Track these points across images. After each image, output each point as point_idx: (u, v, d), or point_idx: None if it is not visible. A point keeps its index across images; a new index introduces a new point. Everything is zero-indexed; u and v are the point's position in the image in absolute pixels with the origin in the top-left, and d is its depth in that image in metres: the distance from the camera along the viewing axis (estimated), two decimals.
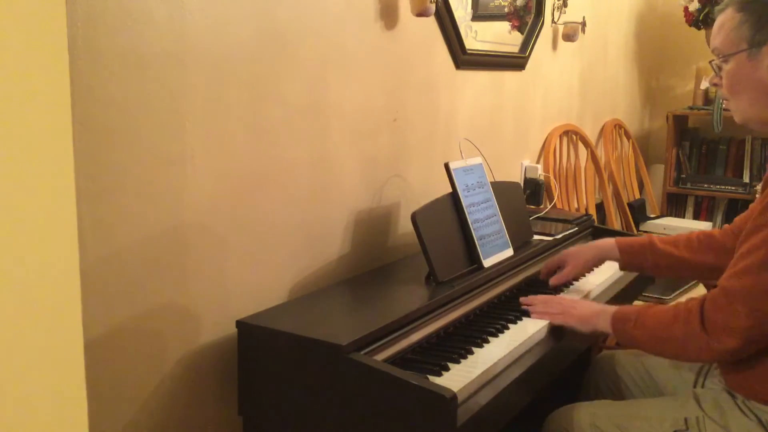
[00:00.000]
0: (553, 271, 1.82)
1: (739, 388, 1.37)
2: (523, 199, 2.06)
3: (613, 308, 1.47)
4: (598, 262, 1.81)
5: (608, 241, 1.77)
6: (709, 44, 1.45)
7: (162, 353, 1.34)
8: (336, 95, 1.69)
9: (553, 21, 2.74)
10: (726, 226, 1.67)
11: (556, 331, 1.54)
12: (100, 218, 1.19)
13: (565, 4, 2.72)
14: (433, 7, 1.86)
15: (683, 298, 2.61)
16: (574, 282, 1.85)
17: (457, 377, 1.27)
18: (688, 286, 2.63)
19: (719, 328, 1.27)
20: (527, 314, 1.60)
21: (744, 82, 1.36)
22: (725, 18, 1.38)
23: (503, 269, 1.76)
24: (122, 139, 1.21)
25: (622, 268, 1.81)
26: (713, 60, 1.41)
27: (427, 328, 1.44)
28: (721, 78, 1.41)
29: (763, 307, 1.24)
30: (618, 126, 3.52)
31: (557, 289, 1.79)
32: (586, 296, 1.79)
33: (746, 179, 3.62)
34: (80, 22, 1.12)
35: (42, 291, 0.68)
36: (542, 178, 2.66)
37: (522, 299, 1.62)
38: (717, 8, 1.43)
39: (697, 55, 3.80)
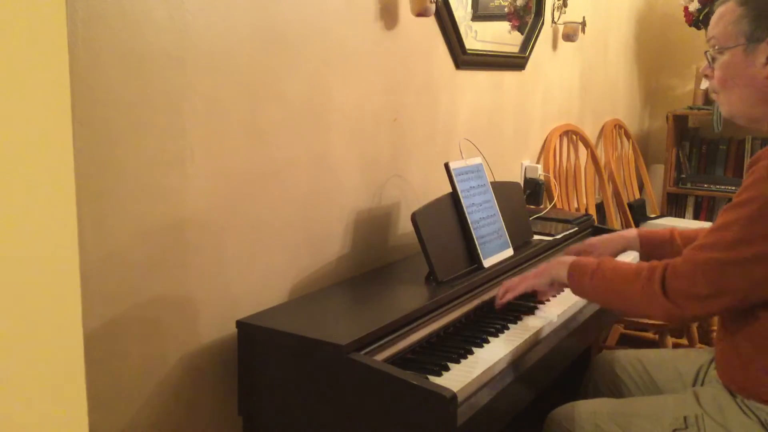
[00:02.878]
0: (571, 248, 1.84)
1: (739, 388, 1.37)
2: (523, 199, 2.06)
3: (570, 258, 1.50)
4: (622, 251, 1.83)
5: (631, 232, 1.79)
6: (706, 37, 1.45)
7: (162, 353, 1.34)
8: (336, 95, 1.69)
9: (553, 21, 2.74)
10: None
11: (555, 330, 1.55)
12: (100, 218, 1.19)
13: (565, 4, 2.72)
14: (433, 7, 1.86)
15: None
16: None
17: (457, 377, 1.27)
18: None
19: (679, 294, 1.29)
20: (527, 314, 1.60)
21: (737, 77, 1.36)
22: (726, 10, 1.37)
23: (503, 269, 1.76)
24: (122, 139, 1.21)
25: (642, 259, 1.82)
26: (708, 50, 1.41)
27: (427, 328, 1.44)
28: (713, 69, 1.40)
29: (724, 281, 1.25)
30: (618, 126, 3.52)
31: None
32: None
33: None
34: (80, 22, 1.12)
35: (42, 290, 0.68)
36: (542, 178, 2.66)
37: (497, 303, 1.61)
38: (719, 0, 1.42)
39: (697, 55, 3.79)
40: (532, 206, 2.51)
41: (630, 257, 1.94)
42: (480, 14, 2.29)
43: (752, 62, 1.33)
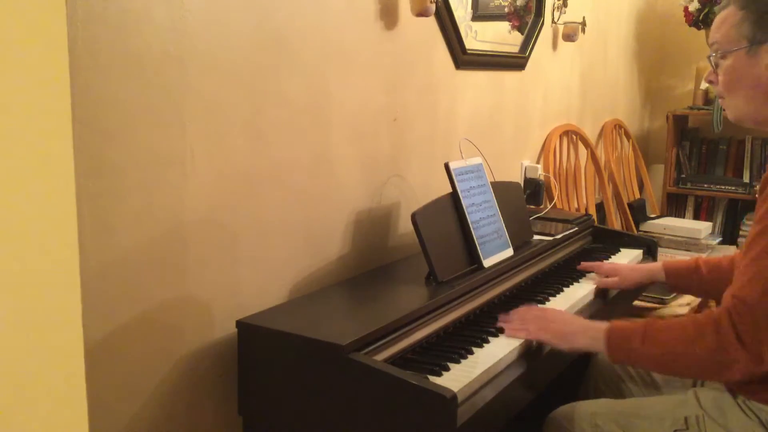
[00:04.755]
0: (592, 269, 1.89)
1: (739, 388, 1.37)
2: (523, 199, 2.06)
3: (602, 324, 1.38)
4: (647, 283, 1.85)
5: (656, 265, 1.81)
6: (707, 43, 1.45)
7: (162, 353, 1.34)
8: (336, 95, 1.69)
9: (553, 21, 2.74)
10: None
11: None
12: (100, 218, 1.19)
13: (565, 4, 2.72)
14: (433, 7, 1.86)
15: (683, 299, 2.62)
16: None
17: (457, 377, 1.27)
18: None
19: (754, 341, 1.21)
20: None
21: (741, 80, 1.36)
22: (727, 14, 1.38)
23: (503, 269, 1.76)
24: (122, 139, 1.21)
25: (669, 290, 1.84)
26: (711, 55, 1.41)
27: (427, 328, 1.44)
28: (717, 74, 1.41)
29: None
30: (618, 126, 3.52)
31: (555, 292, 1.79)
32: (597, 287, 1.84)
33: (746, 179, 3.62)
34: (80, 22, 1.12)
35: (42, 291, 0.68)
36: (542, 178, 2.66)
37: (500, 317, 1.53)
38: (719, 5, 1.42)
39: (697, 55, 3.80)
40: (532, 206, 2.51)
41: (630, 257, 1.94)
42: (480, 14, 2.29)
43: (756, 64, 1.33)
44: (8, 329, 0.67)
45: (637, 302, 2.40)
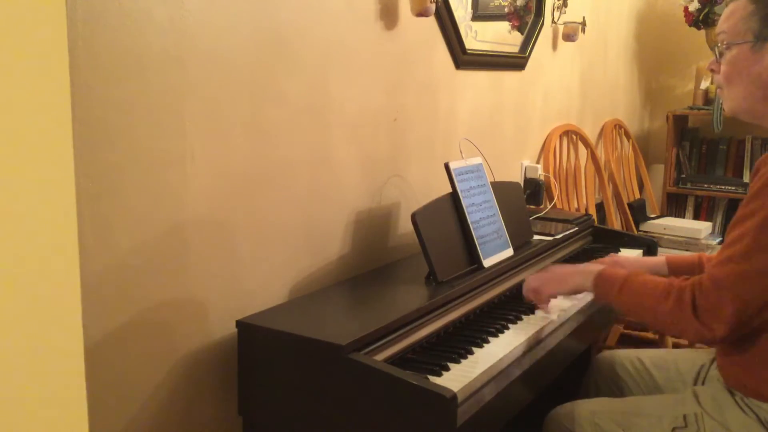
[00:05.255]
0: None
1: (738, 386, 1.37)
2: (523, 199, 2.06)
3: (596, 267, 1.50)
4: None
5: (659, 259, 1.80)
6: (707, 43, 1.46)
7: (162, 353, 1.34)
8: (336, 95, 1.69)
9: (553, 21, 2.74)
10: None
11: (555, 329, 1.55)
12: (101, 218, 1.19)
13: (565, 4, 2.72)
14: (433, 7, 1.86)
15: None
16: None
17: (457, 377, 1.27)
18: None
19: (709, 316, 1.28)
20: (527, 314, 1.60)
21: (742, 74, 1.36)
22: (737, 6, 1.38)
23: (503, 269, 1.76)
24: (122, 139, 1.21)
25: None
26: (716, 45, 1.41)
27: (427, 328, 1.44)
28: (720, 64, 1.41)
29: (745, 294, 1.25)
30: (618, 126, 3.52)
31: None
32: None
33: (746, 179, 3.62)
34: (80, 22, 1.12)
35: (42, 290, 0.68)
36: (542, 178, 2.66)
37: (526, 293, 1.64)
38: None
39: (697, 55, 3.80)
40: (532, 206, 2.51)
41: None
42: (480, 14, 2.29)
43: (758, 60, 1.33)
44: (8, 329, 0.67)
45: None
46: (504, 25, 2.49)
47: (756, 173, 1.32)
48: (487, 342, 1.44)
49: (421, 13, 1.86)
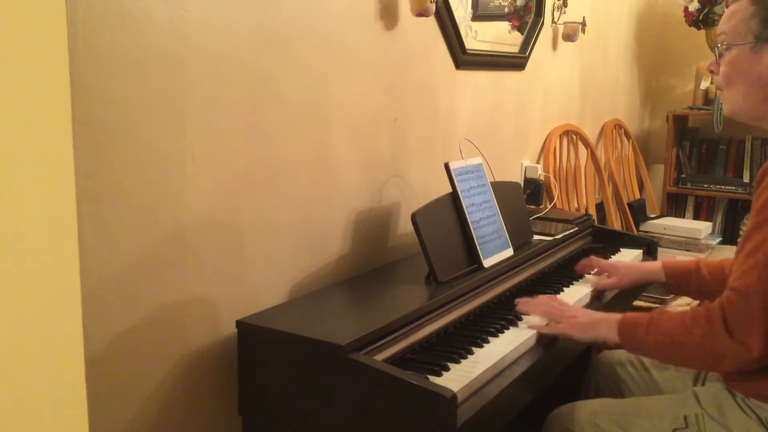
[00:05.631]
0: (589, 270, 1.88)
1: (739, 386, 1.37)
2: (523, 199, 2.06)
3: (616, 315, 1.44)
4: (644, 283, 1.83)
5: (656, 264, 1.80)
6: (707, 42, 1.46)
7: (162, 353, 1.34)
8: (336, 95, 1.69)
9: (553, 21, 2.74)
10: None
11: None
12: (101, 218, 1.19)
13: (565, 4, 2.72)
14: (433, 7, 1.86)
15: (682, 299, 2.62)
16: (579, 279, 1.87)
17: (457, 377, 1.27)
18: None
19: (742, 330, 1.24)
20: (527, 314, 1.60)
21: (742, 75, 1.36)
22: (738, 7, 1.37)
23: (503, 269, 1.76)
24: (122, 139, 1.21)
25: (667, 291, 1.83)
26: (717, 45, 1.41)
27: (427, 328, 1.44)
28: (719, 65, 1.41)
29: None
30: (618, 126, 3.52)
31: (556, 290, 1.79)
32: (597, 287, 1.83)
33: (746, 179, 3.62)
34: (80, 22, 1.12)
35: (42, 291, 0.68)
36: (542, 178, 2.66)
37: (518, 300, 1.58)
38: None
39: (697, 55, 3.79)
40: (532, 206, 2.51)
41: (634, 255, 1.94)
42: (480, 14, 2.29)
43: (758, 62, 1.33)
44: (8, 329, 0.67)
45: (636, 302, 2.40)
46: (504, 25, 2.49)
47: (761, 181, 1.31)
48: (487, 342, 1.44)
49: (421, 13, 1.86)
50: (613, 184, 3.29)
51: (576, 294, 1.77)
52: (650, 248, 2.23)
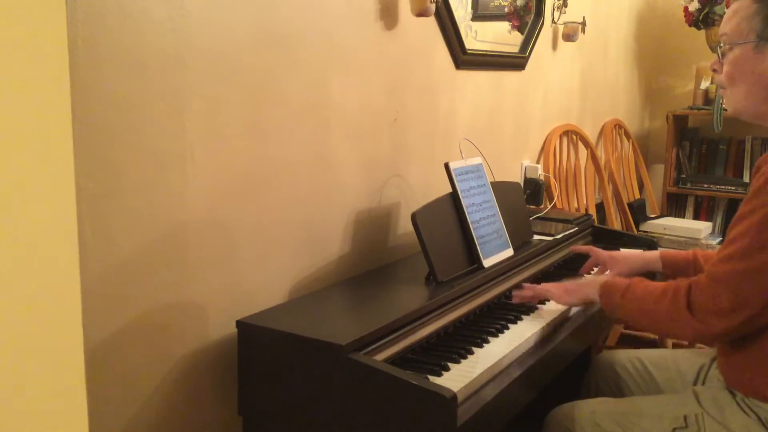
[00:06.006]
0: (589, 261, 1.91)
1: (739, 386, 1.37)
2: (523, 199, 2.06)
3: (603, 278, 1.54)
4: (643, 272, 1.84)
5: (653, 254, 1.82)
6: (707, 42, 1.46)
7: (162, 353, 1.34)
8: (336, 95, 1.69)
9: (553, 21, 2.74)
10: None
11: (555, 329, 1.56)
12: (100, 218, 1.19)
13: (565, 4, 2.72)
14: (433, 7, 1.86)
15: None
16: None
17: (457, 377, 1.27)
18: None
19: (704, 311, 1.30)
20: (527, 314, 1.60)
21: (744, 74, 1.36)
22: (740, 6, 1.37)
23: (503, 269, 1.76)
24: (122, 139, 1.21)
25: (665, 280, 1.84)
26: (719, 44, 1.41)
27: (427, 328, 1.44)
28: (722, 64, 1.40)
29: (744, 291, 1.26)
30: (618, 126, 3.52)
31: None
32: None
33: (746, 179, 3.62)
34: (80, 22, 1.12)
35: (42, 291, 0.68)
36: (542, 178, 2.66)
37: (514, 294, 1.67)
38: None
39: (697, 55, 3.79)
40: (532, 206, 2.51)
41: None
42: (480, 14, 2.29)
43: (761, 61, 1.33)
44: (8, 329, 0.67)
45: None
46: (504, 25, 2.49)
47: (757, 171, 1.32)
48: (487, 342, 1.44)
49: (421, 13, 1.86)
50: (613, 184, 3.29)
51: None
52: (650, 248, 2.22)
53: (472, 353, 1.38)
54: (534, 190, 2.59)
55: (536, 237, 2.03)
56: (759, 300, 1.25)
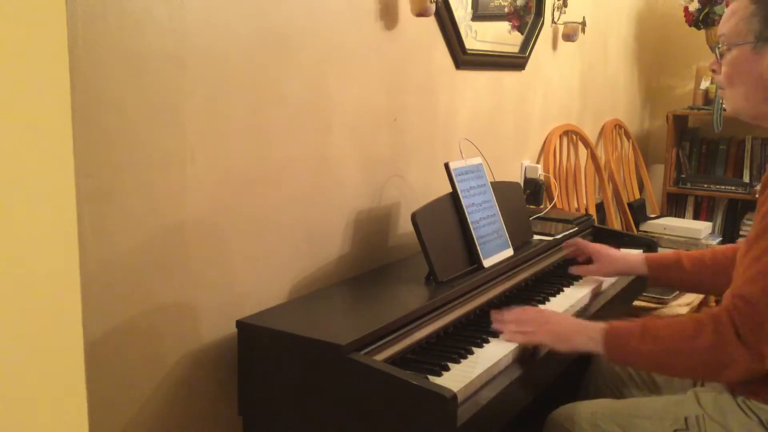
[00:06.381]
0: (576, 256, 1.89)
1: (740, 388, 1.37)
2: (523, 199, 2.06)
3: (600, 324, 1.35)
4: (625, 274, 1.83)
5: (637, 257, 1.79)
6: (707, 42, 1.45)
7: (162, 353, 1.34)
8: (336, 95, 1.69)
9: (553, 21, 2.74)
10: None
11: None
12: (100, 218, 1.19)
13: (565, 4, 2.72)
14: (433, 7, 1.86)
15: (683, 299, 2.62)
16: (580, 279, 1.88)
17: (457, 377, 1.27)
18: None
19: (755, 337, 1.20)
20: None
21: (743, 75, 1.35)
22: (738, 6, 1.37)
23: (503, 269, 1.76)
24: (122, 139, 1.21)
25: (650, 284, 1.83)
26: (717, 45, 1.40)
27: (427, 328, 1.44)
28: (720, 65, 1.40)
29: None
30: (618, 126, 3.52)
31: (553, 290, 1.79)
32: (597, 287, 1.83)
33: (746, 179, 3.62)
34: (80, 22, 1.12)
35: (42, 290, 0.68)
36: (542, 178, 2.66)
37: (493, 316, 1.48)
38: None
39: (697, 55, 3.79)
40: (532, 206, 2.51)
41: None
42: (480, 14, 2.29)
43: (759, 61, 1.33)
44: (8, 329, 0.67)
45: (636, 302, 2.40)
46: (504, 25, 2.49)
47: (765, 188, 1.30)
48: (487, 342, 1.44)
49: (421, 13, 1.86)
50: (613, 184, 3.29)
51: (576, 294, 1.77)
52: (650, 248, 2.22)
53: (472, 353, 1.38)
54: (534, 190, 2.59)
55: (536, 237, 2.03)
56: None
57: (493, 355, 1.38)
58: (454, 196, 1.69)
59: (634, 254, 1.83)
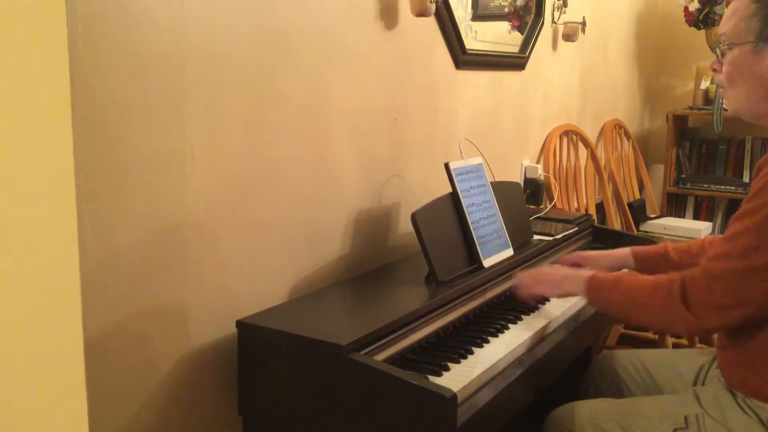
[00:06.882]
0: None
1: (739, 386, 1.37)
2: (523, 199, 2.06)
3: (586, 273, 1.52)
4: (615, 270, 1.83)
5: (624, 251, 1.81)
6: (707, 42, 1.46)
7: (162, 353, 1.34)
8: (336, 95, 1.69)
9: (553, 21, 2.74)
10: None
11: (554, 330, 1.56)
12: (100, 218, 1.19)
13: (565, 4, 2.72)
14: (433, 7, 1.86)
15: None
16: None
17: (457, 377, 1.27)
18: None
19: (700, 305, 1.30)
20: (527, 314, 1.60)
21: (743, 74, 1.36)
22: (739, 5, 1.37)
23: (503, 269, 1.76)
24: (122, 139, 1.21)
25: None
26: (718, 45, 1.40)
27: (427, 328, 1.44)
28: (721, 64, 1.40)
29: (743, 289, 1.26)
30: (618, 126, 3.52)
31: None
32: None
33: (746, 179, 3.62)
34: (80, 22, 1.12)
35: (42, 291, 0.68)
36: (542, 178, 2.66)
37: (513, 285, 1.67)
38: None
39: (697, 55, 3.80)
40: (532, 206, 2.51)
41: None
42: (480, 14, 2.29)
43: (759, 61, 1.33)
44: (8, 329, 0.67)
45: None
46: (504, 25, 2.49)
47: (759, 172, 1.32)
48: (487, 342, 1.44)
49: (421, 13, 1.86)
50: (613, 184, 3.29)
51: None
52: None
53: (472, 353, 1.38)
54: (534, 190, 2.59)
55: (536, 237, 2.03)
56: (757, 298, 1.26)
57: (493, 355, 1.38)
58: (454, 196, 1.69)
59: (620, 249, 1.84)
